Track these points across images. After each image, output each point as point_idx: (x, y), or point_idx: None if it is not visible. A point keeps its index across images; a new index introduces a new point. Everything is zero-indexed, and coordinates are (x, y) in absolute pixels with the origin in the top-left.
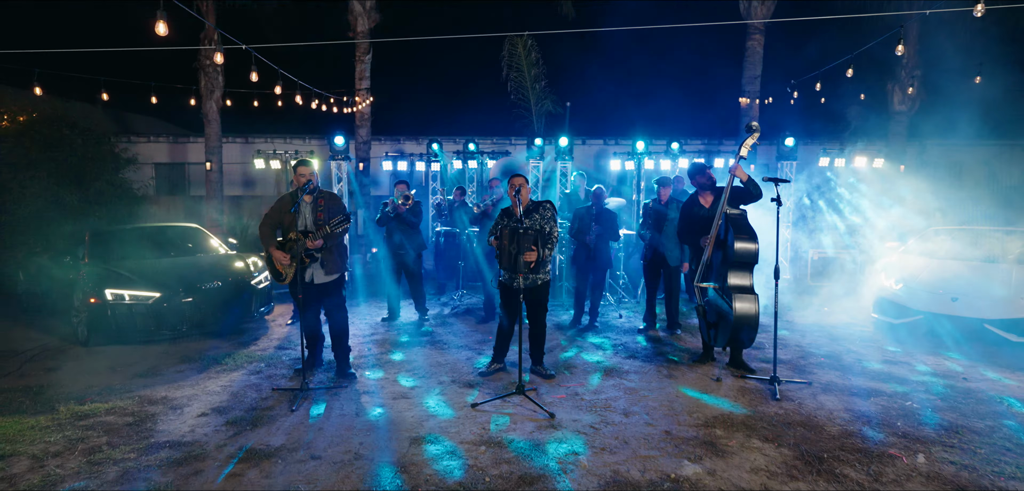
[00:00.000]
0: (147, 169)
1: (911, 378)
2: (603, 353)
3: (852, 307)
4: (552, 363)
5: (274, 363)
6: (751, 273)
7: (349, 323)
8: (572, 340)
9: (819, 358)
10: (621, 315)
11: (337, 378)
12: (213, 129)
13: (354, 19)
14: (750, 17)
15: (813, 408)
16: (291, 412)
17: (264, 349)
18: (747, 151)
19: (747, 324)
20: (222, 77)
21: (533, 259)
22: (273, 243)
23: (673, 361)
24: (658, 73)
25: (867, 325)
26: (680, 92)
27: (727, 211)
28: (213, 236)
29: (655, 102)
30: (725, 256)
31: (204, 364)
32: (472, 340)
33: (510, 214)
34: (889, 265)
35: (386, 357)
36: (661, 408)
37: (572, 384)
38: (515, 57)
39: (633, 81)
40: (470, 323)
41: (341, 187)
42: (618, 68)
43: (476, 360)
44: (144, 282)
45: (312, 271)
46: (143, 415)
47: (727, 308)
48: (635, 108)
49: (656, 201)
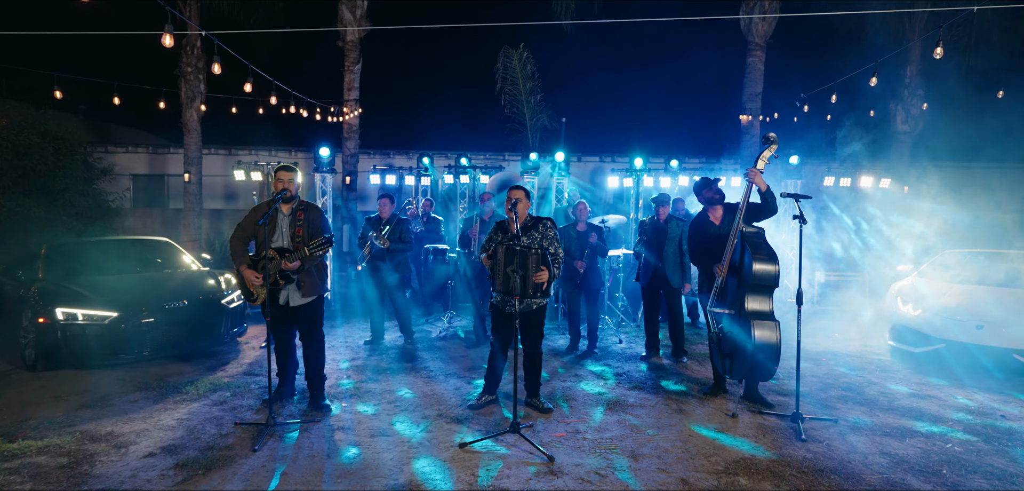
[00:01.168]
0: (124, 180)
1: (945, 415)
2: (604, 383)
3: (865, 333)
4: (549, 395)
5: (241, 391)
6: (771, 297)
7: (329, 346)
8: (570, 368)
9: (839, 390)
10: (621, 340)
11: (310, 410)
12: (193, 139)
13: (343, 27)
14: (751, 34)
15: (845, 451)
16: (253, 452)
17: (232, 375)
18: (764, 164)
19: (767, 354)
20: (203, 85)
21: (545, 280)
22: (245, 260)
23: (681, 393)
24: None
25: (883, 353)
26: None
27: (743, 229)
28: (185, 252)
29: (653, 120)
30: (741, 279)
31: (163, 392)
32: (461, 367)
33: (505, 229)
34: (904, 289)
35: (366, 386)
36: (674, 450)
37: (572, 420)
38: (510, 69)
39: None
40: (459, 347)
41: (325, 201)
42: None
43: (465, 391)
44: (101, 300)
45: (287, 292)
46: (80, 456)
47: (744, 336)
48: (632, 125)
49: (654, 218)
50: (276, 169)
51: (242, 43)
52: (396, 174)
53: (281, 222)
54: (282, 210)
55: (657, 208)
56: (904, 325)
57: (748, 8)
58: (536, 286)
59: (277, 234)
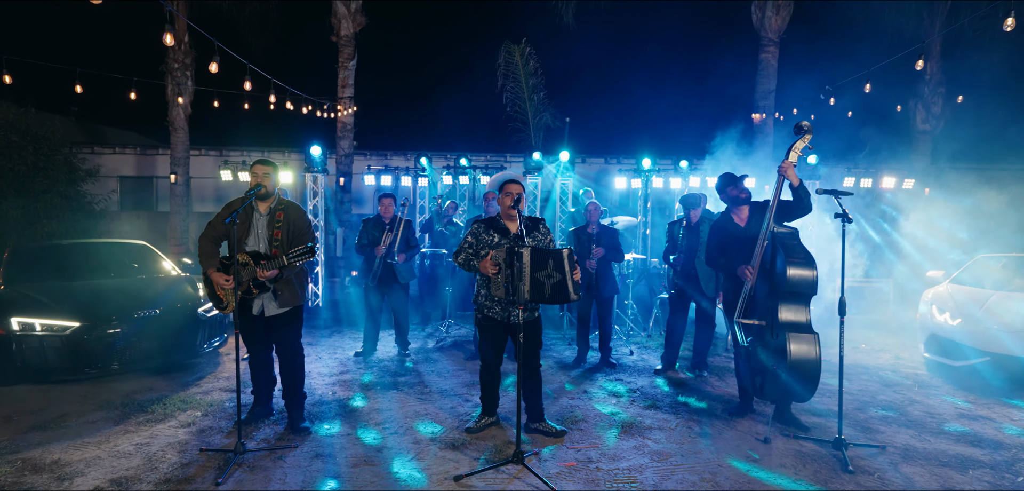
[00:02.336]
0: (110, 182)
1: (1006, 440)
2: (618, 401)
3: (894, 344)
4: (557, 415)
5: (214, 410)
6: (808, 307)
7: (315, 358)
8: (579, 383)
9: (878, 410)
10: (632, 351)
11: (286, 433)
12: (180, 138)
13: (337, 22)
14: (764, 29)
15: (900, 485)
16: (215, 487)
17: (206, 391)
18: (797, 156)
19: (805, 373)
20: (191, 82)
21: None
22: (214, 263)
23: (704, 412)
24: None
25: (918, 365)
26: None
27: (775, 230)
28: (164, 256)
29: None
30: (773, 286)
31: (126, 412)
32: (459, 382)
33: (502, 230)
34: (940, 297)
35: (353, 404)
36: (703, 484)
37: (583, 445)
38: (512, 65)
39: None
40: (458, 360)
41: (317, 202)
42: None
43: (463, 411)
44: (62, 309)
45: (261, 301)
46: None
47: (778, 352)
48: (639, 125)
49: (686, 222)
50: (255, 162)
51: (234, 39)
52: (392, 174)
53: (257, 223)
54: (258, 208)
55: (688, 210)
56: (942, 336)
57: (760, 2)
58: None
59: (252, 236)
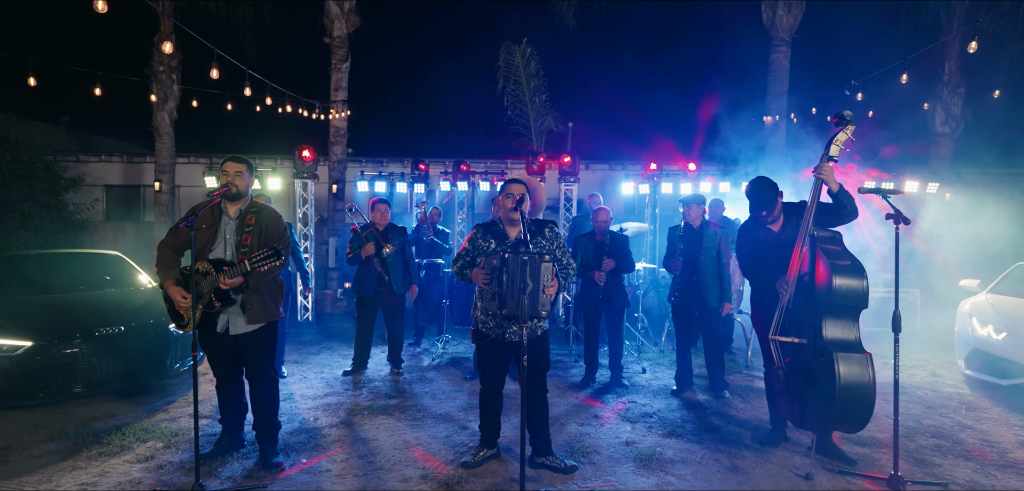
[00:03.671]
0: (95, 190)
1: None
2: (633, 428)
3: (928, 358)
4: (566, 445)
5: (180, 441)
6: (857, 322)
7: (300, 377)
8: (589, 407)
9: (928, 437)
10: (644, 368)
11: (256, 469)
12: (165, 144)
13: (330, 22)
14: (775, 28)
15: None
16: None
17: (173, 418)
18: (838, 150)
19: (857, 399)
20: (177, 85)
21: (554, 293)
22: (174, 274)
23: (731, 441)
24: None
25: (958, 383)
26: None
27: (816, 233)
28: (139, 269)
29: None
30: (814, 298)
31: (78, 443)
32: (456, 405)
33: (499, 235)
34: (979, 308)
35: (337, 431)
36: None
37: (597, 484)
38: (512, 67)
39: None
40: (455, 379)
41: (306, 210)
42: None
43: (459, 440)
44: (14, 327)
45: (227, 317)
46: None
47: (824, 375)
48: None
49: (686, 225)
50: (224, 160)
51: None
52: (386, 181)
53: (225, 228)
54: (228, 212)
55: (688, 209)
56: (986, 351)
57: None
58: (544, 304)
59: (219, 243)
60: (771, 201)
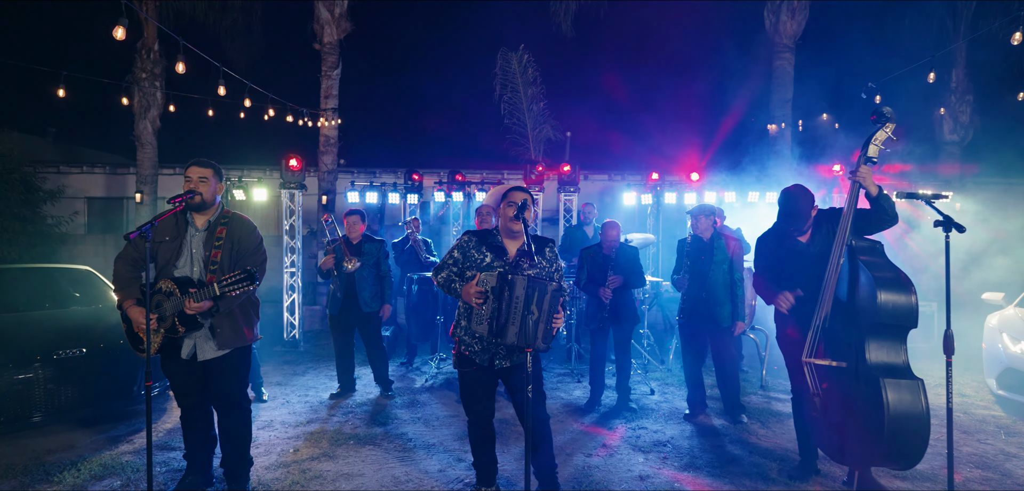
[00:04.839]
0: (77, 203)
1: None
2: (647, 459)
3: (953, 377)
4: (572, 481)
5: (139, 479)
6: (904, 343)
7: (282, 401)
8: (595, 434)
9: (970, 467)
10: (653, 390)
11: None
12: (147, 154)
13: (320, 28)
14: (778, 34)
15: None
16: None
17: (138, 450)
18: (876, 151)
19: (910, 430)
20: (161, 94)
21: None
22: (134, 293)
23: (756, 475)
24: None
25: (988, 403)
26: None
27: (854, 243)
28: (110, 284)
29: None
30: (854, 316)
31: (28, 480)
32: (451, 433)
33: (497, 247)
34: (1009, 323)
35: (317, 466)
36: None
37: None
38: (509, 73)
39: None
40: (449, 403)
41: (294, 221)
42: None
43: (454, 474)
44: None
45: (193, 342)
46: None
47: (870, 403)
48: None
49: (694, 237)
50: (190, 163)
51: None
52: (378, 192)
53: (191, 240)
54: (194, 222)
55: (697, 222)
56: (1020, 370)
57: (774, 5)
58: (547, 336)
59: (184, 257)
60: (806, 214)
